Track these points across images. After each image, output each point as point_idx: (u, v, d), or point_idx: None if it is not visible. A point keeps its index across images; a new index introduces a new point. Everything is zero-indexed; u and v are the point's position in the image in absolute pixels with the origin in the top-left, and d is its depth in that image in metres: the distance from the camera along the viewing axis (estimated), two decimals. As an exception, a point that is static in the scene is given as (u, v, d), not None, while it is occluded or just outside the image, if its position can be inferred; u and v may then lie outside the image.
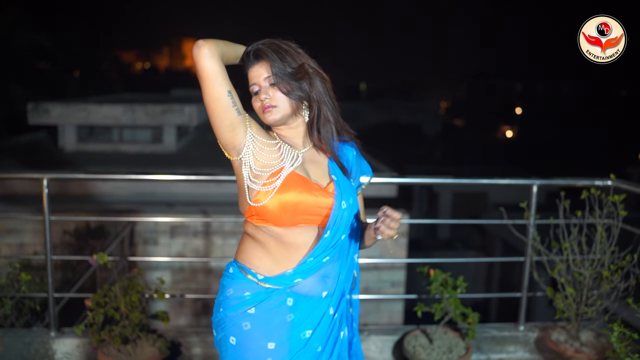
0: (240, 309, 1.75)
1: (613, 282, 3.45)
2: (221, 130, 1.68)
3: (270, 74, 1.73)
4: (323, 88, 1.79)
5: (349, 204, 1.76)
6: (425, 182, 4.82)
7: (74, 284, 4.70)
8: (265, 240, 1.75)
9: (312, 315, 1.76)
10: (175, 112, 11.17)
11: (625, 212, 3.51)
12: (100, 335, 3.42)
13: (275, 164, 1.71)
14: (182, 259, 5.35)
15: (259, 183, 1.69)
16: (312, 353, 1.77)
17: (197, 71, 1.63)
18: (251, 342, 1.73)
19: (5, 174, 4.88)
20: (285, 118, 1.76)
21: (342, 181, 1.78)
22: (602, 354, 3.49)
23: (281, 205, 1.68)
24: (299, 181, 1.71)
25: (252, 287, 1.75)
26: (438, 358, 3.46)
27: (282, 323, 1.74)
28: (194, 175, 3.95)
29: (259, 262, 1.76)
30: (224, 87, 1.64)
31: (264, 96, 1.74)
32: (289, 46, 1.76)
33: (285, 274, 1.73)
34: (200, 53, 1.61)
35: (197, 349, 3.71)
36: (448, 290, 3.48)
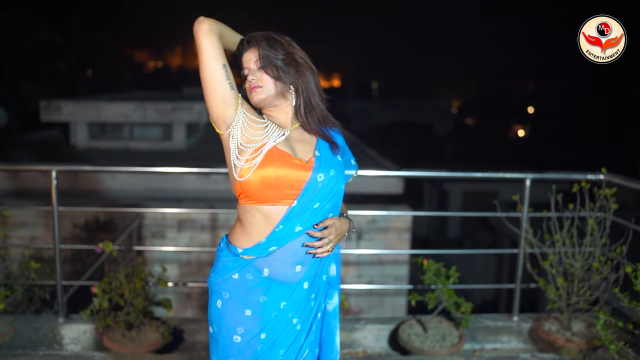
0: (226, 274, 1.88)
1: (603, 274, 3.54)
2: (214, 102, 1.80)
3: (259, 57, 1.86)
4: (311, 78, 1.91)
5: (328, 176, 1.84)
6: (419, 175, 4.91)
7: (82, 274, 4.85)
8: (252, 219, 1.85)
9: (285, 292, 1.87)
10: (185, 109, 11.32)
11: (616, 205, 3.59)
12: (105, 321, 3.56)
13: (259, 140, 1.82)
14: (188, 249, 5.49)
15: (242, 159, 1.79)
16: (289, 325, 1.88)
17: (196, 45, 1.77)
18: (233, 305, 1.86)
19: (15, 165, 5.04)
20: (270, 99, 1.87)
21: (325, 156, 1.88)
22: (593, 344, 3.58)
23: (262, 180, 1.77)
24: (279, 156, 1.80)
25: (234, 259, 1.88)
26: (431, 346, 3.56)
27: (258, 293, 1.86)
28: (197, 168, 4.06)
29: (240, 237, 1.88)
30: (219, 61, 1.77)
31: (252, 77, 1.87)
32: (281, 37, 1.89)
33: (260, 243, 1.83)
34: (201, 28, 1.76)
35: (199, 335, 3.83)
36: (441, 280, 3.58)
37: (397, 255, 6.93)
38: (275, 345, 1.87)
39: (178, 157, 10.74)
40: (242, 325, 1.86)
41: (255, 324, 1.86)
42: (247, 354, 1.86)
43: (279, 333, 1.87)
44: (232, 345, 1.87)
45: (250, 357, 1.86)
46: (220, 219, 6.81)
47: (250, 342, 1.86)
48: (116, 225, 6.81)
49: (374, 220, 6.81)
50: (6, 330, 3.61)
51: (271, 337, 1.87)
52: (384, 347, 3.86)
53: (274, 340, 1.87)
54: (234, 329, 1.86)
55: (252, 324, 1.86)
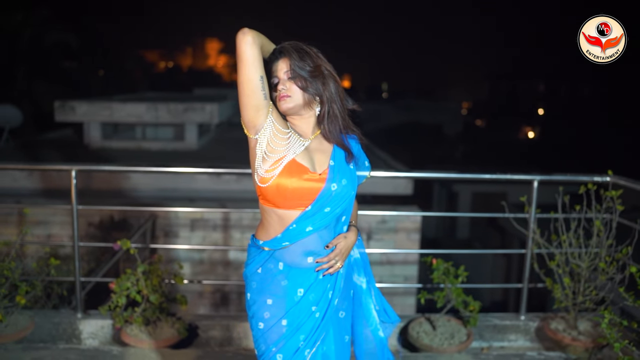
0: (253, 268, 2.08)
1: (609, 274, 3.61)
2: (247, 109, 1.93)
3: (289, 69, 1.98)
4: (335, 89, 2.04)
5: (341, 185, 2.00)
6: (430, 176, 4.99)
7: (96, 271, 4.97)
8: (269, 219, 2.03)
9: (302, 277, 2.03)
10: (197, 110, 11.44)
11: (622, 207, 3.66)
12: (123, 316, 3.67)
13: (281, 151, 1.96)
14: (203, 247, 5.58)
15: (264, 167, 1.95)
16: (306, 311, 2.03)
17: (238, 54, 1.88)
18: (258, 295, 2.06)
19: (36, 165, 5.17)
20: (297, 108, 2.01)
21: (338, 165, 2.02)
22: (599, 343, 3.65)
23: (278, 190, 1.94)
24: (296, 170, 1.96)
25: (257, 251, 2.07)
26: (440, 343, 3.65)
27: (278, 286, 2.03)
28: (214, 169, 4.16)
29: (261, 233, 2.07)
30: (257, 72, 1.89)
31: (282, 87, 1.99)
32: (310, 49, 2.02)
33: (276, 238, 2.01)
34: (244, 39, 1.87)
35: (214, 332, 3.93)
36: (450, 279, 3.66)
37: (407, 255, 7.01)
38: (296, 331, 2.01)
39: (190, 157, 10.85)
40: (267, 311, 2.03)
41: (278, 310, 2.02)
42: (271, 339, 2.02)
43: (300, 320, 2.02)
44: (258, 331, 2.05)
45: (274, 341, 2.01)
46: (232, 218, 6.92)
47: (272, 328, 2.02)
48: (130, 224, 6.94)
49: (384, 221, 6.89)
50: (27, 324, 3.72)
51: (292, 324, 2.01)
52: (394, 344, 3.94)
53: (295, 326, 2.01)
54: (259, 316, 2.04)
55: (275, 310, 2.02)
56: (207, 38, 70.02)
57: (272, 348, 2.01)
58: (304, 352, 2.02)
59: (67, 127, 14.00)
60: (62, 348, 3.60)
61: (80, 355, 3.50)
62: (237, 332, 3.93)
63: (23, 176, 8.33)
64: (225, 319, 4.00)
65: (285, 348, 2.00)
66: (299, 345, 2.01)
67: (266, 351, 2.02)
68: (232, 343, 3.93)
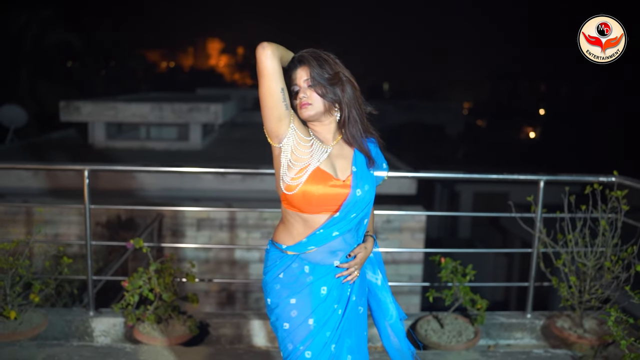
0: (274, 273, 2.11)
1: (614, 273, 3.66)
2: (270, 120, 1.99)
3: (309, 77, 2.03)
4: (353, 94, 2.09)
5: (364, 191, 2.07)
6: (436, 177, 5.04)
7: (107, 270, 5.03)
8: (293, 222, 2.09)
9: (327, 276, 2.09)
10: (202, 110, 11.51)
11: (627, 207, 3.71)
12: (135, 314, 3.73)
13: (305, 159, 2.02)
14: (212, 246, 5.64)
15: (289, 175, 2.01)
16: (330, 308, 2.09)
17: (259, 68, 1.93)
18: (280, 298, 2.09)
19: (49, 165, 5.24)
20: (318, 115, 2.06)
21: (360, 171, 2.09)
22: (604, 340, 3.71)
23: (305, 197, 2.00)
24: (321, 177, 2.02)
25: (280, 255, 2.11)
26: (448, 341, 3.70)
27: (302, 283, 2.08)
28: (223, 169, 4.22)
29: (284, 237, 2.11)
30: (279, 85, 1.95)
31: (302, 95, 2.04)
32: (328, 56, 2.07)
33: (301, 242, 2.06)
34: (265, 53, 1.91)
35: (224, 329, 3.98)
36: (458, 278, 3.72)
37: (411, 255, 7.06)
38: (322, 327, 2.07)
39: (194, 157, 10.91)
40: (294, 310, 2.07)
41: (304, 309, 2.06)
42: (298, 338, 2.06)
43: (326, 316, 2.07)
44: (284, 332, 2.09)
45: (301, 339, 2.06)
46: (238, 218, 6.97)
47: (299, 327, 2.06)
48: (137, 223, 6.99)
49: (389, 221, 6.94)
50: (41, 321, 3.78)
51: (319, 321, 2.07)
52: (402, 342, 4.00)
53: (322, 323, 2.07)
54: (285, 317, 2.08)
55: (300, 308, 2.07)
56: (209, 38, 70.03)
57: (299, 347, 2.05)
58: (330, 347, 2.08)
59: (70, 127, 14.07)
60: (75, 345, 3.66)
61: (94, 352, 3.55)
62: (248, 329, 3.99)
63: (28, 176, 8.40)
64: (236, 317, 4.05)
65: (313, 345, 2.05)
66: (325, 341, 2.07)
67: (294, 350, 2.06)
68: (242, 341, 3.99)
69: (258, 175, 8.42)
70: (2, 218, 7.05)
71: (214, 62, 67.98)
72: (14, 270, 3.65)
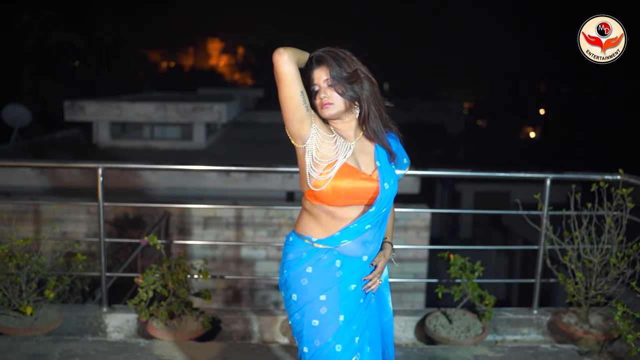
0: (299, 267, 2.13)
1: (620, 269, 3.73)
2: (292, 122, 2.03)
3: (329, 77, 2.08)
4: (371, 90, 2.14)
5: (390, 185, 2.13)
6: (442, 174, 5.11)
7: (117, 268, 5.09)
8: (319, 214, 2.13)
9: (355, 272, 2.15)
10: (206, 110, 11.56)
11: (633, 204, 3.78)
12: (149, 310, 3.79)
13: (331, 155, 2.07)
14: (222, 243, 5.69)
15: (317, 171, 2.05)
16: (356, 302, 2.15)
17: (277, 74, 1.97)
18: (308, 295, 2.12)
19: (62, 163, 5.32)
20: (339, 114, 2.11)
21: (384, 167, 2.15)
22: (610, 335, 3.78)
23: (334, 191, 2.05)
24: (349, 172, 2.07)
25: (308, 248, 2.14)
26: (457, 336, 3.77)
27: (332, 279, 2.12)
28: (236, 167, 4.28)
29: (312, 230, 2.15)
30: (298, 88, 1.99)
31: (323, 95, 2.09)
32: (345, 54, 2.12)
33: (333, 236, 2.11)
34: (281, 59, 1.96)
35: (235, 325, 4.05)
36: (466, 274, 3.78)
37: (416, 253, 7.12)
38: (350, 322, 2.13)
39: (198, 156, 10.97)
40: (323, 307, 2.10)
41: (333, 305, 2.10)
42: (328, 333, 2.10)
43: (353, 311, 2.13)
44: (312, 328, 2.11)
45: (332, 334, 2.10)
46: (244, 216, 7.03)
47: (329, 323, 2.10)
48: (144, 222, 7.05)
49: (394, 219, 7.00)
50: (56, 317, 3.84)
51: (348, 316, 2.12)
52: (411, 338, 4.07)
53: (350, 318, 2.13)
54: (314, 314, 2.11)
55: (330, 305, 2.10)
56: (209, 38, 70.11)
57: (330, 341, 2.09)
58: (354, 339, 2.13)
59: (73, 126, 14.13)
60: (91, 340, 3.72)
61: (108, 347, 3.61)
62: (259, 325, 4.06)
63: (34, 175, 8.46)
64: (247, 313, 4.12)
65: (342, 339, 2.10)
66: (352, 335, 2.13)
67: (324, 345, 2.09)
68: (253, 336, 4.05)
69: (262, 175, 8.49)
70: (10, 216, 7.11)
71: (215, 62, 68.05)
72: (29, 266, 3.72)
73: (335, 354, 2.10)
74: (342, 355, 2.11)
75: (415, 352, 3.65)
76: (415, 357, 3.57)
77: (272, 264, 7.04)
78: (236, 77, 59.90)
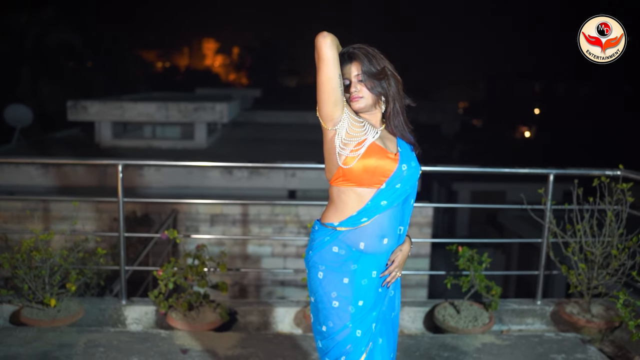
0: (325, 248, 2.25)
1: (621, 260, 3.89)
2: (326, 104, 2.15)
3: (360, 72, 2.23)
4: (396, 88, 2.29)
5: (410, 167, 2.25)
6: (444, 170, 5.27)
7: (132, 263, 5.23)
8: (345, 199, 2.24)
9: (377, 259, 2.25)
10: (207, 109, 11.70)
11: (633, 199, 3.95)
12: (168, 302, 3.93)
13: (360, 135, 2.20)
14: (238, 237, 5.81)
15: (347, 149, 2.17)
16: (376, 291, 2.26)
17: (319, 55, 2.09)
18: (333, 275, 2.24)
19: (82, 160, 5.45)
20: (367, 107, 2.26)
21: (404, 151, 2.28)
22: (611, 324, 3.94)
23: (364, 168, 2.17)
24: (378, 150, 2.20)
25: (330, 232, 2.26)
26: (465, 325, 3.93)
27: (354, 263, 2.23)
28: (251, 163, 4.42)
29: (334, 217, 2.26)
30: (337, 71, 2.12)
31: (354, 89, 2.23)
32: (374, 51, 2.26)
33: (352, 216, 2.22)
34: (325, 42, 2.08)
35: (251, 317, 4.19)
36: (474, 266, 3.94)
37: (418, 249, 7.30)
38: (369, 308, 2.24)
39: (199, 155, 11.10)
40: (338, 291, 2.22)
41: (350, 291, 2.22)
42: (346, 316, 2.22)
43: (374, 299, 2.25)
44: (331, 309, 2.23)
45: (350, 318, 2.22)
46: (250, 213, 7.18)
47: (346, 307, 2.22)
48: (152, 219, 7.20)
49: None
50: (78, 309, 3.98)
51: (369, 302, 2.24)
52: (420, 328, 4.23)
53: (372, 305, 2.25)
54: (332, 295, 2.22)
55: (347, 290, 2.22)
56: (204, 38, 70.22)
57: (348, 324, 2.21)
58: (372, 325, 2.26)
59: (74, 126, 14.23)
60: (113, 331, 3.86)
61: (131, 337, 3.75)
62: (273, 317, 4.20)
63: (39, 174, 8.59)
64: (262, 305, 4.27)
65: (363, 324, 2.23)
66: (372, 321, 2.25)
67: (342, 327, 2.21)
68: (268, 327, 4.20)
69: (264, 174, 8.63)
70: (19, 214, 7.25)
71: (210, 62, 68.13)
72: (52, 260, 3.85)
73: (354, 338, 2.22)
74: (361, 339, 2.23)
75: (425, 341, 3.80)
76: (426, 345, 3.72)
77: (278, 261, 7.19)
78: (231, 77, 59.98)
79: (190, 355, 3.54)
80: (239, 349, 3.63)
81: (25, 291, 3.89)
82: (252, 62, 53.09)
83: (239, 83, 55.89)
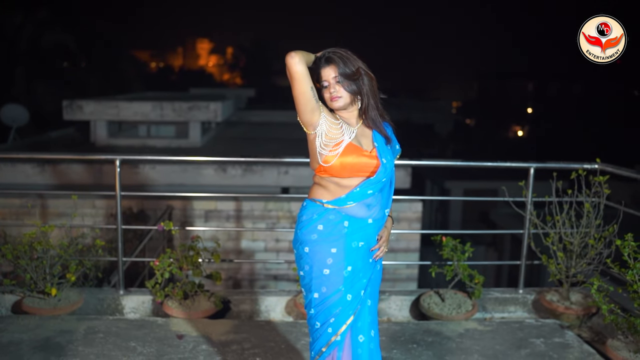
0: (311, 226, 2.48)
1: (597, 249, 4.08)
2: (304, 113, 2.41)
3: (337, 74, 2.46)
4: (370, 85, 2.52)
5: (388, 160, 2.51)
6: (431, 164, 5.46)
7: (129, 255, 5.38)
8: (328, 185, 2.50)
9: (361, 230, 2.48)
10: (202, 108, 11.85)
11: (609, 191, 4.13)
12: (164, 291, 4.10)
13: (338, 136, 2.45)
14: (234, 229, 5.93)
15: (326, 149, 2.43)
16: (363, 258, 2.50)
17: (290, 74, 2.33)
18: (319, 247, 2.46)
19: (81, 155, 5.60)
20: (346, 105, 2.50)
21: (380, 146, 2.53)
22: (589, 310, 4.13)
23: (342, 165, 2.43)
24: (354, 149, 2.45)
25: (319, 209, 2.49)
26: (449, 312, 4.10)
27: (340, 234, 2.46)
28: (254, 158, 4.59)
29: (322, 195, 2.51)
30: (308, 85, 2.37)
31: (332, 90, 2.48)
32: (348, 53, 2.50)
33: (340, 198, 2.47)
34: (293, 61, 2.32)
35: (244, 305, 4.36)
36: (457, 255, 4.12)
37: (409, 244, 7.47)
38: (359, 274, 2.48)
39: (194, 153, 11.23)
40: (327, 260, 2.44)
41: (340, 257, 2.44)
42: (336, 282, 2.45)
43: (362, 265, 2.48)
44: (322, 277, 2.46)
45: (339, 283, 2.44)
46: (244, 209, 7.34)
47: (337, 273, 2.44)
48: (147, 215, 7.34)
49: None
50: (77, 299, 4.15)
51: (356, 268, 2.47)
52: (406, 316, 4.40)
53: (358, 271, 2.47)
54: (323, 263, 2.45)
55: (338, 257, 2.44)
56: (198, 38, 70.36)
57: (340, 288, 2.43)
58: (361, 292, 2.49)
59: (69, 125, 14.33)
60: (111, 319, 4.02)
61: (129, 324, 3.92)
62: (265, 305, 4.37)
63: (35, 172, 8.70)
64: (255, 294, 4.44)
65: (353, 289, 2.46)
66: (361, 287, 2.48)
67: (334, 292, 2.43)
68: (260, 315, 4.37)
69: (258, 171, 8.80)
70: (17, 211, 7.38)
71: (204, 62, 68.24)
72: (52, 251, 4.01)
73: (345, 302, 2.45)
74: (351, 303, 2.46)
75: (411, 327, 3.98)
76: (411, 331, 3.90)
77: (271, 255, 7.35)
78: (225, 77, 60.10)
79: (185, 340, 3.71)
80: (232, 334, 3.80)
81: (28, 281, 4.05)
82: (246, 62, 53.26)
83: (233, 83, 56.02)
